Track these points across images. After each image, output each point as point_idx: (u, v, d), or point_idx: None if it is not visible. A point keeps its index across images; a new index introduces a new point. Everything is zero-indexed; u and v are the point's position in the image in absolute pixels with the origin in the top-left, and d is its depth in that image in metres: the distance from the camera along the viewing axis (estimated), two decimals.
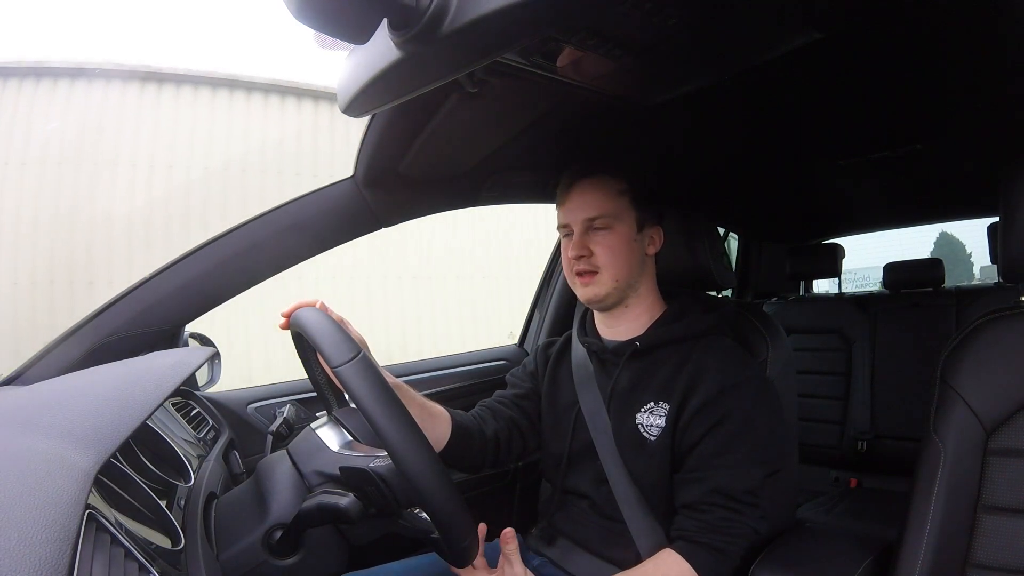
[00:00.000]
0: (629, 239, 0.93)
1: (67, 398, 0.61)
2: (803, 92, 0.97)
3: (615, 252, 0.92)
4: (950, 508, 0.77)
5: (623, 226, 0.93)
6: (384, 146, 0.96)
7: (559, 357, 1.08)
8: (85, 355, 0.90)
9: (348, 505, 0.66)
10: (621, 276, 0.93)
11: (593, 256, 0.92)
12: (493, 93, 0.78)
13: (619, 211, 0.93)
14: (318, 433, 0.75)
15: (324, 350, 0.64)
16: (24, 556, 0.31)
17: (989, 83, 0.94)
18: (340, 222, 1.08)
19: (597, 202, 0.92)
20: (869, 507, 1.72)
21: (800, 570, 0.89)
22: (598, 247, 0.92)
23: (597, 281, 0.93)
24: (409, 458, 0.60)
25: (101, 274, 4.12)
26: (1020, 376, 0.76)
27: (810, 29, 0.69)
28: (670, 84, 0.83)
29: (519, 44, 0.58)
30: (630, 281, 0.94)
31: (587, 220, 0.93)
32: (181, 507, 0.65)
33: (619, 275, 0.93)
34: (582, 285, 0.94)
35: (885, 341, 2.01)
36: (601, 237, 0.92)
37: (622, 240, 0.92)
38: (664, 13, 0.59)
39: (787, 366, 1.06)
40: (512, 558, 0.82)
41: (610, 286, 0.93)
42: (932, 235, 8.65)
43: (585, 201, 0.93)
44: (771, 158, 1.36)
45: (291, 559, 0.70)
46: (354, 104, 0.67)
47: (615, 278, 0.92)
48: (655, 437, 0.89)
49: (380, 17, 0.48)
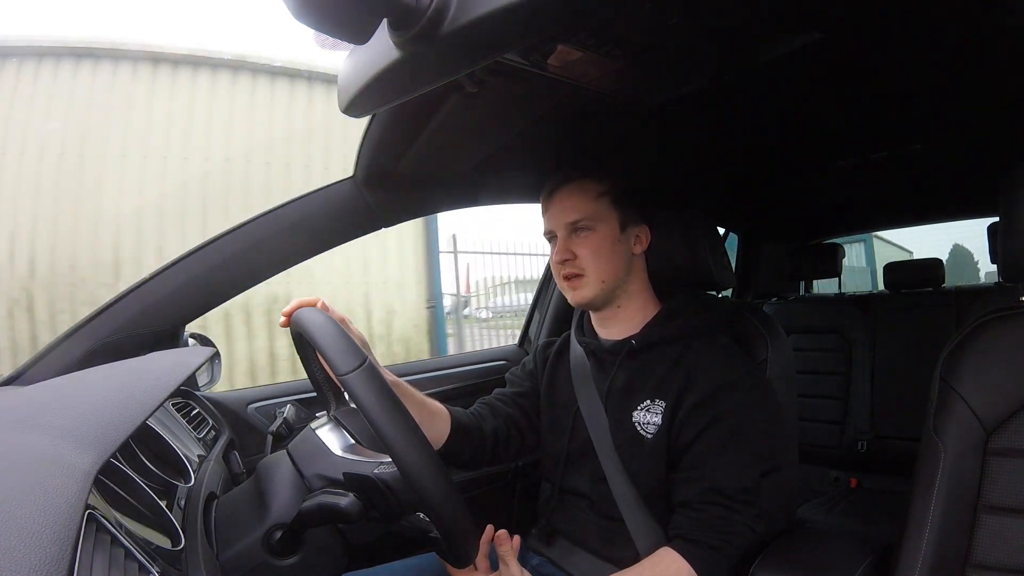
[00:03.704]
0: (612, 240, 0.94)
1: (67, 398, 0.61)
2: (803, 92, 0.97)
3: (599, 253, 0.93)
4: (950, 508, 0.77)
5: (605, 227, 0.94)
6: (384, 146, 0.96)
7: (558, 357, 1.08)
8: (85, 355, 0.90)
9: (348, 505, 0.66)
10: (607, 277, 0.94)
11: (577, 259, 0.94)
12: (493, 93, 0.78)
13: (600, 213, 0.94)
14: (319, 434, 0.75)
15: (329, 357, 0.64)
16: (24, 556, 0.31)
17: (989, 83, 0.94)
18: (340, 222, 1.08)
19: (577, 205, 0.94)
20: (869, 507, 1.72)
21: (800, 570, 0.89)
22: (581, 249, 0.93)
23: (584, 284, 0.94)
24: (415, 466, 0.60)
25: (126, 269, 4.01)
26: (1020, 376, 0.76)
27: (810, 29, 0.69)
28: (670, 84, 0.83)
29: (519, 44, 0.58)
30: (617, 282, 0.95)
31: (569, 224, 0.94)
32: (181, 507, 0.65)
33: (605, 276, 0.93)
34: (570, 289, 0.96)
35: (885, 341, 2.01)
36: (583, 240, 0.94)
37: (605, 241, 0.94)
38: (664, 13, 0.59)
39: (787, 366, 1.06)
40: (507, 559, 0.83)
41: (597, 288, 0.94)
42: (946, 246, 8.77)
43: (566, 206, 0.95)
44: (771, 158, 1.36)
45: (291, 559, 0.70)
46: (354, 104, 0.67)
47: (601, 279, 0.93)
48: (652, 435, 0.89)
49: (380, 17, 0.48)
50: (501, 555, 0.83)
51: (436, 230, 5.17)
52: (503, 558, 0.83)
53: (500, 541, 0.83)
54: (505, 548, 0.83)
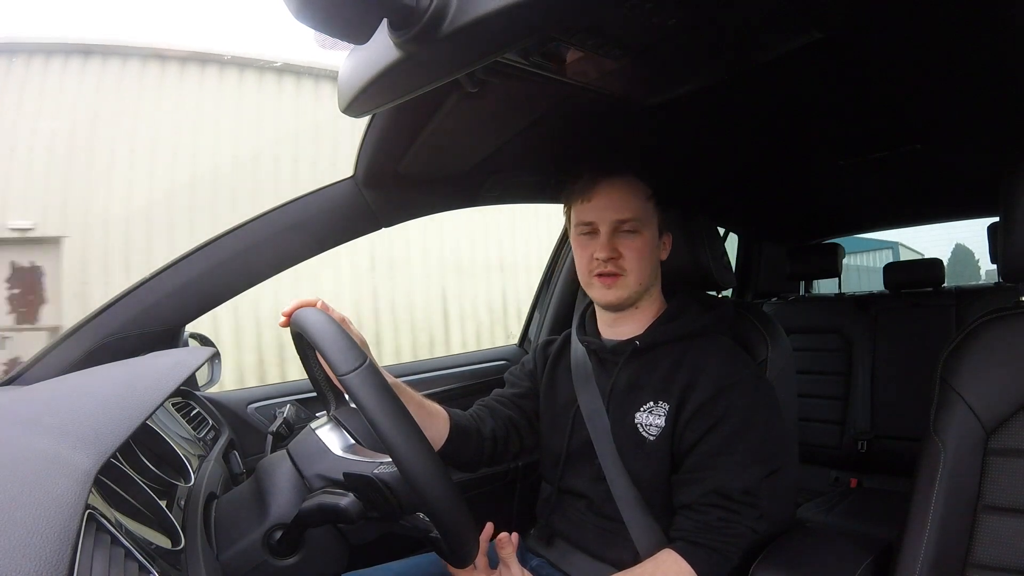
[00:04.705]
0: (654, 244, 0.94)
1: (67, 398, 0.61)
2: (803, 92, 0.97)
3: (642, 256, 0.92)
4: (950, 508, 0.77)
5: (649, 231, 0.93)
6: (384, 146, 0.96)
7: (558, 356, 1.08)
8: (85, 355, 0.90)
9: (348, 505, 0.66)
10: (644, 280, 0.93)
11: (622, 259, 0.91)
12: (493, 93, 0.78)
13: (647, 215, 0.93)
14: (319, 434, 0.75)
15: (329, 357, 0.64)
16: (24, 556, 0.31)
17: (989, 83, 0.94)
18: (340, 222, 1.08)
19: (630, 204, 0.91)
20: (869, 507, 1.72)
21: (800, 570, 0.89)
22: (627, 250, 0.91)
23: (622, 284, 0.92)
24: (415, 466, 0.60)
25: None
26: (1020, 376, 0.76)
27: (811, 29, 0.69)
28: (670, 84, 0.83)
29: (519, 44, 0.58)
30: (649, 286, 0.95)
31: (617, 221, 0.91)
32: (181, 507, 0.65)
33: (643, 279, 0.93)
34: (603, 287, 0.92)
35: (885, 341, 2.01)
36: (630, 240, 0.91)
37: (648, 245, 0.93)
38: (664, 13, 0.59)
39: (787, 366, 1.06)
40: (509, 561, 0.83)
41: (634, 289, 0.92)
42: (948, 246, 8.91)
43: (613, 201, 0.91)
44: (771, 158, 1.36)
45: (291, 559, 0.70)
46: (354, 104, 0.67)
47: (639, 282, 0.92)
48: (654, 437, 0.89)
49: (380, 17, 0.48)
50: (503, 557, 0.83)
51: None
52: (505, 560, 0.83)
53: (501, 544, 0.83)
54: (507, 551, 0.83)
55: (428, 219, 1.23)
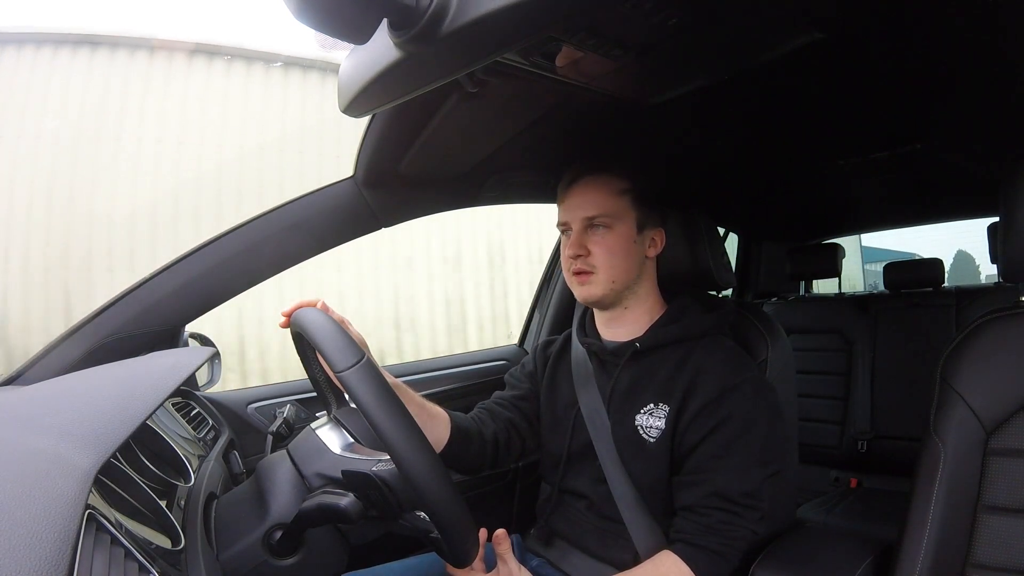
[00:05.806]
0: (629, 240, 0.93)
1: (67, 398, 0.61)
2: (803, 92, 0.97)
3: (613, 252, 0.91)
4: (950, 508, 0.77)
5: (623, 226, 0.92)
6: (384, 146, 0.96)
7: (558, 357, 1.07)
8: (85, 355, 0.90)
9: (348, 505, 0.66)
10: (618, 277, 0.92)
11: (591, 256, 0.91)
12: (493, 93, 0.78)
13: (620, 211, 0.92)
14: (318, 434, 0.75)
15: (327, 354, 0.64)
16: (24, 556, 0.31)
17: (989, 83, 0.94)
18: (340, 222, 1.08)
19: (597, 200, 0.92)
20: (869, 507, 1.72)
21: (800, 570, 0.89)
22: (596, 247, 0.91)
23: (593, 281, 0.92)
24: (413, 463, 0.60)
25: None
26: (1020, 376, 0.76)
27: (811, 29, 0.69)
28: (670, 84, 0.83)
29: (519, 44, 0.58)
30: (627, 283, 0.94)
31: (586, 219, 0.92)
32: (181, 507, 0.65)
33: (616, 276, 0.92)
34: (579, 284, 0.94)
35: (885, 341, 2.01)
36: (600, 237, 0.92)
37: (621, 240, 0.92)
38: (664, 13, 0.59)
39: (787, 366, 1.06)
40: (506, 557, 0.83)
41: (606, 287, 0.92)
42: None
43: (585, 199, 0.92)
44: (771, 158, 1.36)
45: (291, 559, 0.70)
46: (354, 104, 0.67)
47: (612, 279, 0.92)
48: (655, 439, 0.89)
49: (380, 17, 0.48)
50: (500, 553, 0.83)
51: None
52: (502, 556, 0.83)
53: (498, 540, 0.83)
54: (504, 547, 0.83)
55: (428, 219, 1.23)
